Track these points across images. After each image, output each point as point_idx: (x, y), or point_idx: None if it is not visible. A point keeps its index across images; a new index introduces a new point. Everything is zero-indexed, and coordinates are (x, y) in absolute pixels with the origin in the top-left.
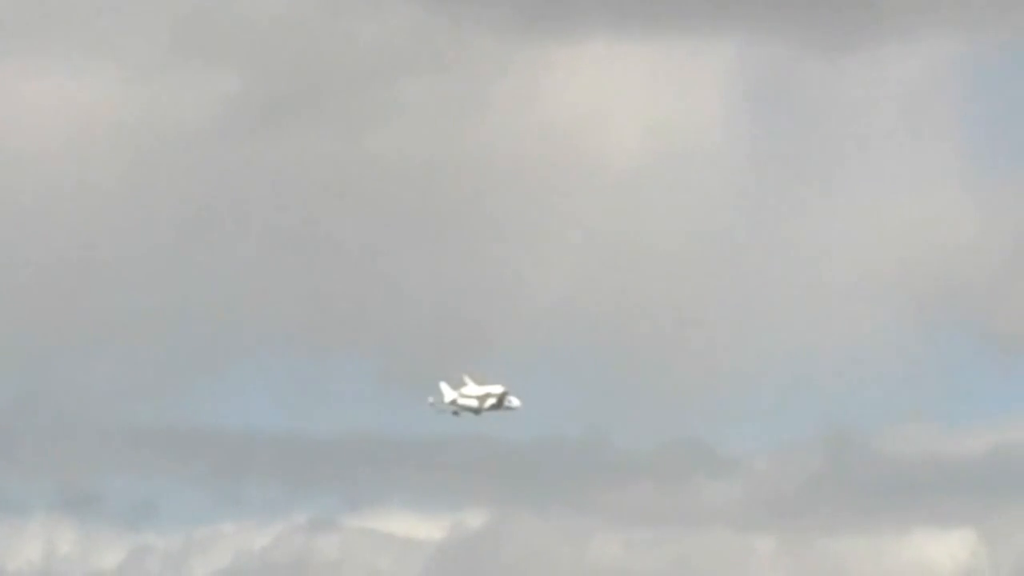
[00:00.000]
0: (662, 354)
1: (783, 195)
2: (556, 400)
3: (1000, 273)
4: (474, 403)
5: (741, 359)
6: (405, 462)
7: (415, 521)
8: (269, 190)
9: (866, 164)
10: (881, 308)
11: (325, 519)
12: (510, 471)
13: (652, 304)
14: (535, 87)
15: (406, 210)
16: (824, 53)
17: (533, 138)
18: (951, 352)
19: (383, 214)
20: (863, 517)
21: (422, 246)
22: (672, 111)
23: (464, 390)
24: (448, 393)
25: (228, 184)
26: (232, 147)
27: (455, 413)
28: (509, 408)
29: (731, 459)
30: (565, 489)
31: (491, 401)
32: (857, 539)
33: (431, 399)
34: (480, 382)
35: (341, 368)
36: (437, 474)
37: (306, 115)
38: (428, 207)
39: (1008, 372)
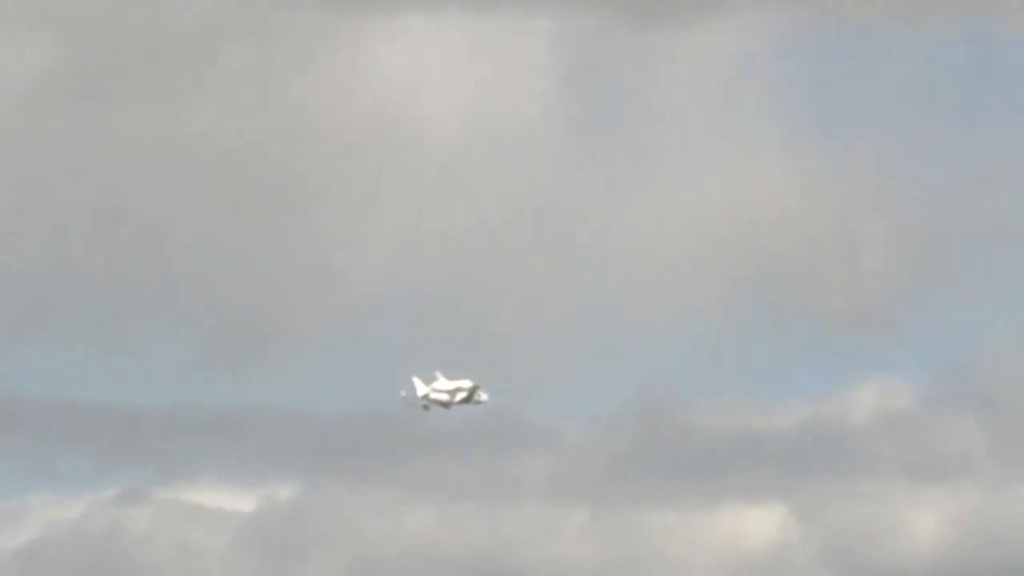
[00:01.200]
0: (475, 327)
1: (600, 169)
2: (369, 373)
3: (815, 248)
4: (445, 397)
5: (553, 331)
6: (215, 435)
7: (225, 493)
8: (86, 160)
9: (684, 139)
10: (695, 281)
11: (135, 491)
12: (321, 444)
13: (467, 278)
14: (353, 60)
15: (223, 183)
16: (642, 27)
17: (352, 112)
18: (763, 326)
19: (199, 187)
20: (674, 491)
21: (239, 220)
22: (490, 86)
23: (435, 385)
24: (420, 388)
25: (43, 153)
26: (48, 117)
27: (425, 407)
28: (478, 402)
29: (542, 432)
30: (376, 462)
31: (461, 395)
32: (668, 513)
33: (403, 393)
34: (451, 377)
35: (152, 340)
36: (247, 446)
37: (125, 85)
38: (245, 181)
39: (821, 347)
